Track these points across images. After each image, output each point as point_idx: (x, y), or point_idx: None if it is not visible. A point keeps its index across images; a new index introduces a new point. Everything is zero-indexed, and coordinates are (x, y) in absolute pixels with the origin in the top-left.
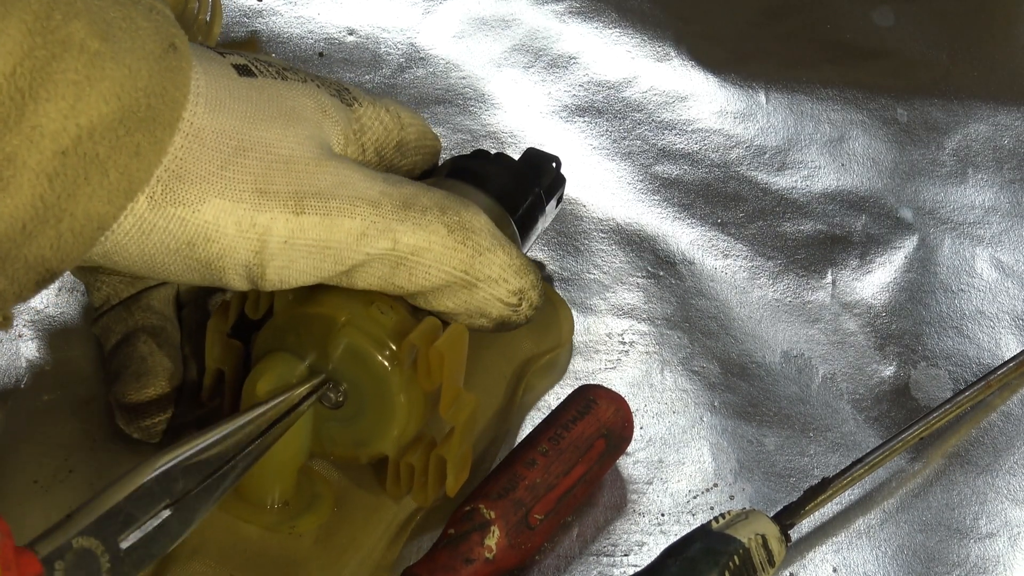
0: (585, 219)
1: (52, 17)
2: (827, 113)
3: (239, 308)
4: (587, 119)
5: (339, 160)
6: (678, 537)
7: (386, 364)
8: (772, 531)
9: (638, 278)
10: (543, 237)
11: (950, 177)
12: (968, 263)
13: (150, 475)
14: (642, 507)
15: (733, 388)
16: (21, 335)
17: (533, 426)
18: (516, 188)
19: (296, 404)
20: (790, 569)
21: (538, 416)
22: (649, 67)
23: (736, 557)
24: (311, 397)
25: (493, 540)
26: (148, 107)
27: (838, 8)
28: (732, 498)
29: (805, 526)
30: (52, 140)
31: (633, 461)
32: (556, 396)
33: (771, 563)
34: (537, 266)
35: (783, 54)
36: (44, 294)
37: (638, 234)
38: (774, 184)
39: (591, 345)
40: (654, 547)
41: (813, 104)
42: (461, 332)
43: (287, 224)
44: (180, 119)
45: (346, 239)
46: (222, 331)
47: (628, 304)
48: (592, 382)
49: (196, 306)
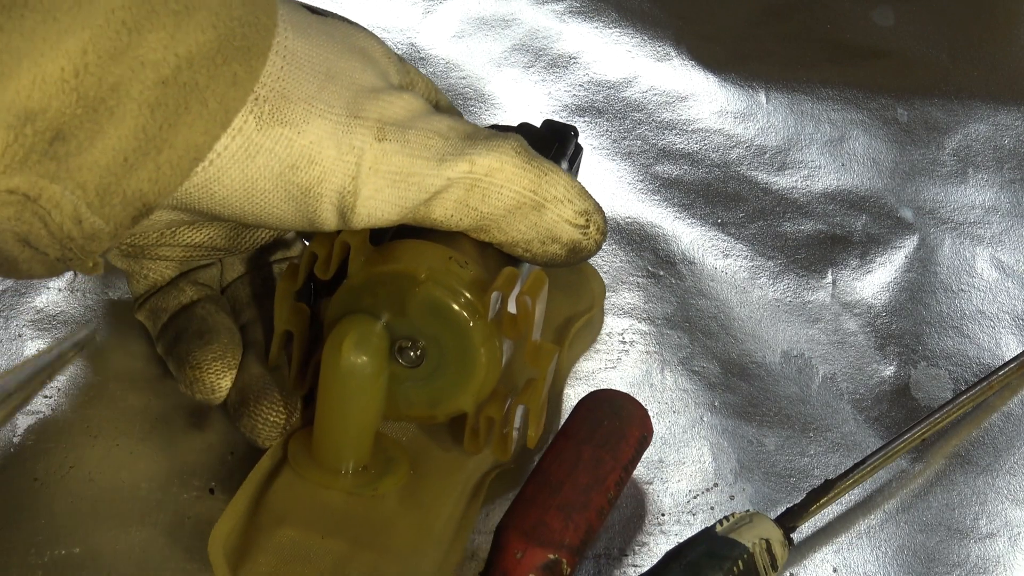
0: None
1: None
2: (827, 113)
3: (308, 270)
4: (587, 119)
5: (410, 95)
6: (678, 537)
7: (468, 318)
8: (776, 535)
9: (638, 278)
10: None
11: (950, 177)
12: (968, 263)
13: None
14: (642, 507)
15: (733, 388)
16: (21, 335)
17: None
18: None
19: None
20: (791, 569)
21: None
22: (649, 67)
23: (740, 562)
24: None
25: None
26: (243, 36)
27: (838, 8)
28: (732, 498)
29: (805, 526)
30: (154, 70)
31: None
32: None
33: (774, 567)
34: None
35: (783, 54)
36: (44, 294)
37: (638, 234)
38: (774, 184)
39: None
40: (654, 547)
41: (813, 104)
42: (541, 278)
43: (372, 150)
44: (272, 45)
45: (427, 166)
46: (290, 293)
47: (628, 304)
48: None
49: (241, 283)
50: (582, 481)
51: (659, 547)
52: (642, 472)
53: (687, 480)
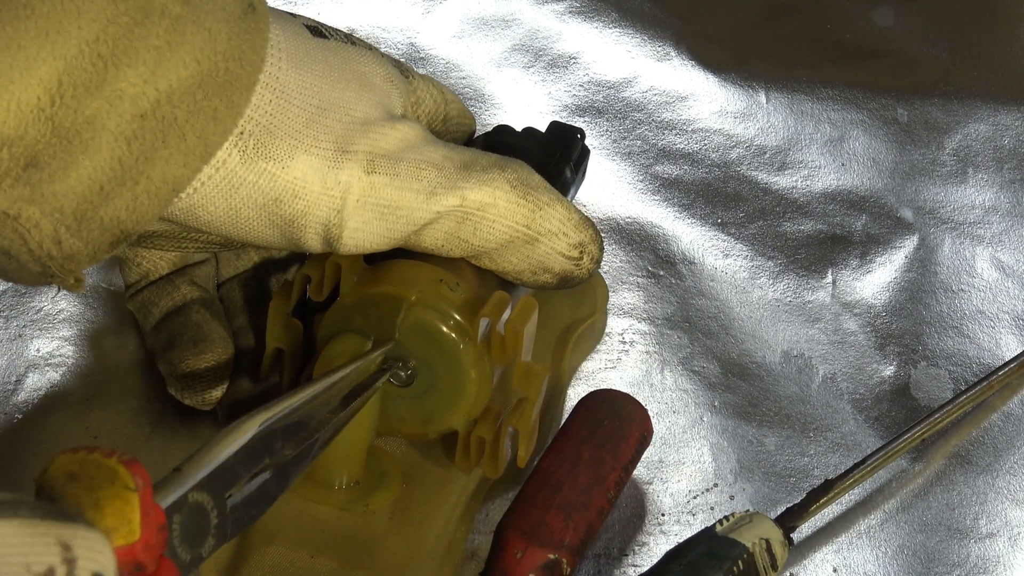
0: None
1: None
2: (827, 113)
3: (301, 289)
4: (587, 119)
5: (405, 125)
6: (678, 537)
7: (457, 340)
8: (776, 535)
9: (638, 278)
10: None
11: (950, 177)
12: (968, 263)
13: (255, 432)
14: (642, 507)
15: (733, 388)
16: (21, 335)
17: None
18: (548, 161)
19: (370, 380)
20: (791, 569)
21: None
22: (649, 67)
23: (740, 562)
24: (384, 374)
25: None
26: (226, 71)
27: (838, 8)
28: (732, 498)
29: (805, 526)
30: (132, 104)
31: None
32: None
33: (774, 567)
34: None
35: (783, 54)
36: (44, 293)
37: (638, 234)
38: (774, 184)
39: None
40: (654, 547)
41: (813, 104)
42: (531, 304)
43: (360, 183)
44: (257, 81)
45: (416, 199)
46: (284, 311)
47: (628, 304)
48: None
49: (237, 282)
50: (582, 481)
51: (659, 547)
52: (642, 472)
53: (687, 480)
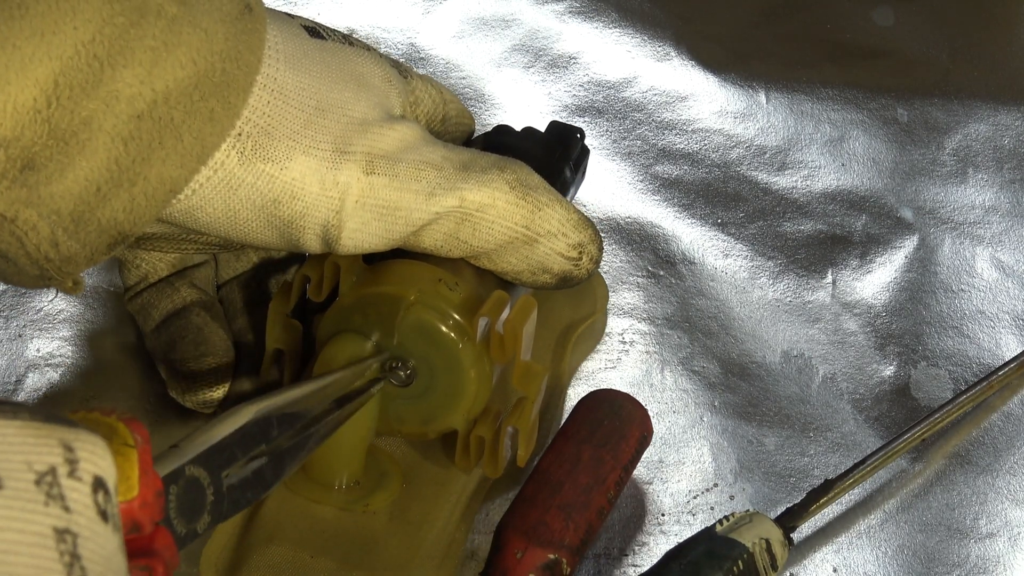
0: None
1: None
2: (827, 113)
3: (301, 290)
4: (587, 119)
5: (404, 125)
6: (678, 537)
7: (456, 340)
8: (776, 535)
9: (638, 278)
10: None
11: (950, 177)
12: (968, 263)
13: (251, 417)
14: (642, 507)
15: (733, 388)
16: (21, 335)
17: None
18: (548, 161)
19: (370, 382)
20: (791, 569)
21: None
22: (649, 67)
23: (740, 562)
24: (382, 380)
25: None
26: (223, 71)
27: (838, 8)
28: (732, 498)
29: (805, 526)
30: (128, 104)
31: None
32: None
33: (774, 567)
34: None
35: (783, 54)
36: (45, 293)
37: (638, 234)
38: (774, 184)
39: None
40: (654, 547)
41: (813, 104)
42: (530, 304)
43: (359, 184)
44: (254, 82)
45: (415, 200)
46: (283, 312)
47: (628, 304)
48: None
49: (237, 284)
50: (582, 481)
51: (659, 547)
52: (642, 472)
53: (687, 480)
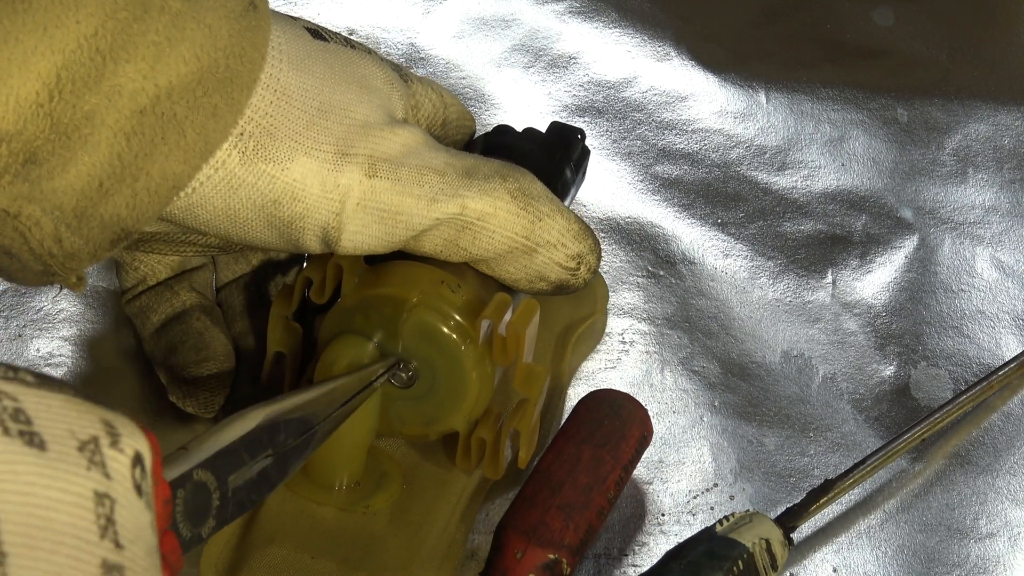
0: (585, 219)
1: None
2: (827, 113)
3: (302, 292)
4: (587, 119)
5: (407, 129)
6: (678, 537)
7: (459, 342)
8: (776, 535)
9: (638, 278)
10: None
11: (950, 177)
12: (968, 263)
13: (260, 421)
14: (642, 507)
15: (733, 388)
16: (21, 335)
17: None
18: (549, 163)
19: (371, 381)
20: (791, 569)
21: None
22: (649, 67)
23: (740, 562)
24: (384, 375)
25: None
26: (227, 68)
27: (838, 8)
28: (732, 498)
29: (805, 526)
30: (131, 99)
31: None
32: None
33: (774, 567)
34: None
35: (783, 54)
36: (45, 293)
37: (638, 234)
38: (774, 184)
39: None
40: (654, 547)
41: (813, 104)
42: (533, 306)
43: (360, 186)
44: (258, 80)
45: (416, 205)
46: (284, 315)
47: (628, 304)
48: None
49: (236, 287)
50: (582, 481)
51: (659, 547)
52: (642, 472)
53: (687, 480)
